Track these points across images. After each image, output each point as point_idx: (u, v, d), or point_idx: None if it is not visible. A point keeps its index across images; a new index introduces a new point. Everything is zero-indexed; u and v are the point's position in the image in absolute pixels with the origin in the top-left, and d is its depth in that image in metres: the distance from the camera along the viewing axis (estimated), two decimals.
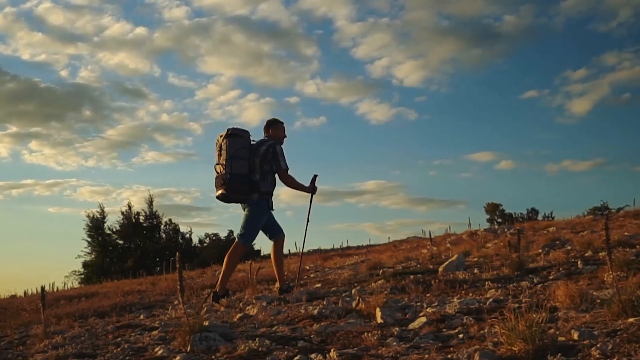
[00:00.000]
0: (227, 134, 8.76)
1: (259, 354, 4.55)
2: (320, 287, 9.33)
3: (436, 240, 19.58)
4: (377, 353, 4.22)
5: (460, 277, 7.98)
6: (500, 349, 3.81)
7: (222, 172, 8.62)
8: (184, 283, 13.36)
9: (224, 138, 8.76)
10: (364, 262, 13.67)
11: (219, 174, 8.73)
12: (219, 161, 8.76)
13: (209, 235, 50.62)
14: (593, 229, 13.71)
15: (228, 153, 8.60)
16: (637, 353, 3.33)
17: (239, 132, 8.86)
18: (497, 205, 53.22)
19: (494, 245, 13.34)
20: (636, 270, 6.49)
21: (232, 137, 8.74)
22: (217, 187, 8.74)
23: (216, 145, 8.90)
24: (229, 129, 8.83)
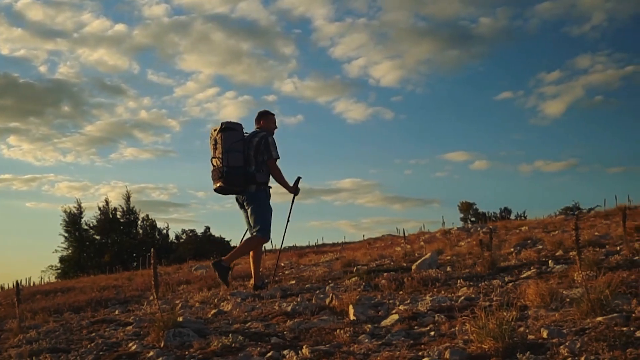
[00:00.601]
0: (221, 128, 8.85)
1: (232, 350, 4.53)
2: (294, 284, 9.30)
3: (410, 238, 19.61)
4: (349, 350, 4.22)
5: (433, 275, 7.97)
6: (471, 347, 3.82)
7: (219, 165, 8.72)
8: (160, 279, 13.32)
9: (218, 132, 8.85)
10: (339, 259, 13.63)
11: (215, 167, 8.86)
12: (214, 155, 8.87)
13: (185, 232, 50.46)
14: (564, 229, 13.77)
15: (223, 147, 8.70)
16: (605, 352, 3.35)
17: (232, 125, 8.95)
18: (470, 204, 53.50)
19: (467, 244, 13.36)
20: (605, 269, 6.51)
21: (227, 130, 8.83)
22: (215, 180, 8.87)
23: (210, 140, 9.02)
24: (223, 123, 8.91)
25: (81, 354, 4.91)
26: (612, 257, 7.49)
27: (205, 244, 44.79)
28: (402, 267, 9.72)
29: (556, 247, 9.55)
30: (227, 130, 8.84)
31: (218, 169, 8.76)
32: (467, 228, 22.05)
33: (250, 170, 8.82)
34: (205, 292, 9.55)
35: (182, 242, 48.26)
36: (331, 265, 12.63)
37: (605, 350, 3.38)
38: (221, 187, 8.84)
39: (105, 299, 10.18)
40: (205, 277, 13.11)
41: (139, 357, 4.60)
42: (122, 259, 39.74)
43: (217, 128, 8.94)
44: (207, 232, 49.16)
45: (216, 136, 8.87)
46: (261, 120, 9.36)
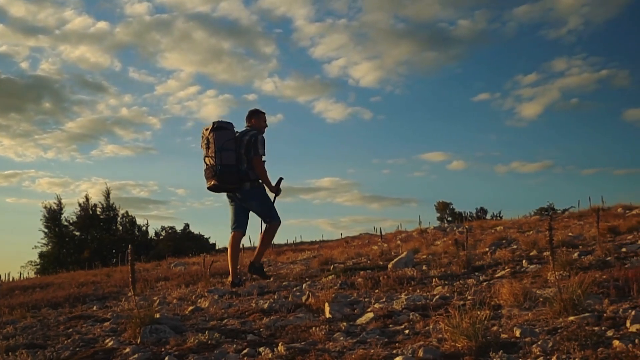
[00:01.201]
0: (213, 127, 8.98)
1: (208, 347, 4.51)
2: (272, 282, 9.28)
3: (387, 237, 19.63)
4: (324, 347, 4.20)
5: (409, 274, 7.97)
6: (444, 345, 3.82)
7: (212, 163, 8.88)
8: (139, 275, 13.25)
9: (210, 131, 8.98)
10: (316, 257, 13.63)
11: (208, 165, 9.01)
12: (207, 153, 9.02)
13: (165, 228, 50.12)
14: (539, 229, 13.83)
15: (216, 145, 8.85)
16: (576, 351, 3.35)
17: (224, 124, 9.09)
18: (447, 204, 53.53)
19: (443, 243, 13.37)
20: (578, 270, 6.54)
21: (219, 130, 8.97)
22: (208, 178, 9.03)
23: (202, 139, 9.16)
24: (215, 123, 9.04)
25: (57, 350, 4.87)
26: (585, 258, 7.52)
27: (185, 241, 44.55)
28: (379, 266, 9.71)
29: (530, 247, 9.59)
30: (219, 130, 8.98)
31: (211, 167, 8.91)
32: (444, 227, 22.12)
33: (243, 168, 9.03)
34: (183, 288, 9.52)
35: (162, 239, 47.93)
36: (309, 263, 12.63)
37: (576, 349, 3.38)
38: (215, 185, 8.99)
39: (83, 295, 10.13)
40: (184, 273, 13.06)
41: (115, 353, 4.55)
42: (102, 255, 39.55)
43: (208, 127, 9.07)
44: (186, 229, 48.87)
45: (208, 135, 9.00)
46: (252, 118, 9.50)
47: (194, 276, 11.81)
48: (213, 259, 17.82)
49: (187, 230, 48.51)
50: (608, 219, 13.84)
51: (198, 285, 9.81)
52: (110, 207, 47.96)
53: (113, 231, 46.78)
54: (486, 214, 41.90)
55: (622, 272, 5.60)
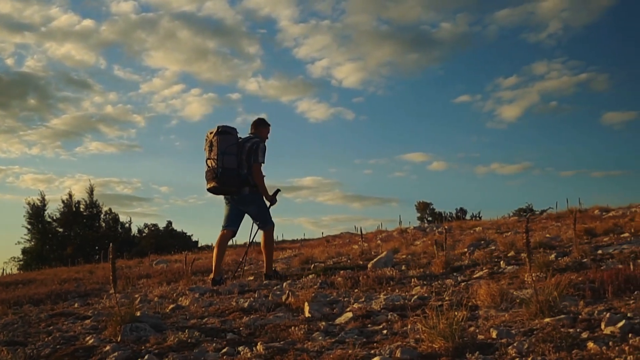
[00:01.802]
0: (217, 132, 9.13)
1: (187, 346, 4.49)
2: (252, 280, 9.27)
3: (368, 236, 19.62)
4: (302, 347, 4.19)
5: (388, 274, 7.96)
6: (422, 346, 3.81)
7: (214, 166, 9.03)
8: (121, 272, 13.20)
9: (214, 135, 9.13)
10: (297, 256, 13.61)
11: (210, 167, 9.15)
12: (210, 156, 9.15)
13: (147, 226, 49.98)
14: (517, 230, 13.87)
15: (219, 149, 9.02)
16: (551, 353, 3.35)
17: (228, 129, 9.25)
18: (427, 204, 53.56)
19: (423, 243, 13.39)
20: (555, 271, 6.57)
21: (223, 134, 9.13)
22: (209, 180, 9.17)
23: (206, 142, 9.28)
24: (219, 127, 9.21)
25: (38, 347, 4.82)
26: (561, 259, 7.53)
27: (167, 239, 44.48)
28: (359, 265, 9.73)
29: (508, 248, 9.60)
30: (223, 134, 9.14)
31: (213, 169, 9.06)
32: (423, 227, 22.15)
33: (243, 173, 9.22)
34: (164, 286, 9.49)
35: (144, 236, 47.81)
36: (289, 262, 12.62)
37: (551, 351, 3.38)
38: (215, 187, 9.14)
39: (65, 291, 10.07)
40: (166, 271, 13.02)
41: (95, 351, 4.52)
42: (85, 252, 39.35)
43: (213, 131, 9.21)
44: (169, 226, 48.82)
45: (212, 139, 9.13)
46: (258, 127, 9.73)
47: (176, 274, 11.78)
48: (195, 257, 17.77)
49: (169, 228, 48.47)
50: (585, 220, 13.89)
51: (179, 283, 9.79)
52: (93, 204, 47.80)
53: (96, 228, 46.62)
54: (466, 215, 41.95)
55: (598, 274, 5.61)
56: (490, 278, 6.84)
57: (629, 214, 14.60)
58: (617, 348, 3.30)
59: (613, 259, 7.10)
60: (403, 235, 18.27)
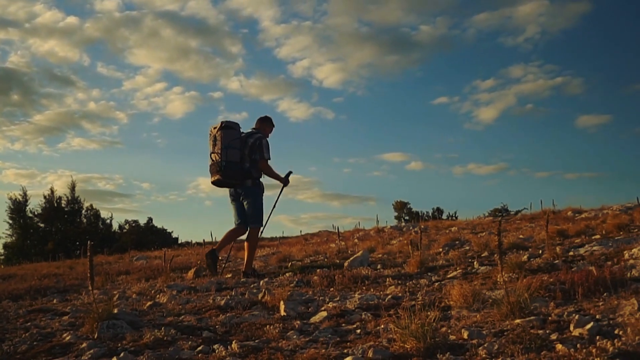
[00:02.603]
0: (221, 126, 9.43)
1: (163, 343, 4.46)
2: (230, 278, 9.24)
3: (345, 235, 19.66)
4: (277, 346, 4.18)
5: (364, 273, 7.96)
6: (394, 346, 3.81)
7: (218, 160, 9.32)
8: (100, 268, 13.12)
9: (218, 130, 9.43)
10: (275, 254, 13.61)
11: (214, 161, 9.43)
12: (214, 150, 9.44)
13: (128, 222, 49.88)
14: (491, 231, 13.89)
15: (223, 143, 9.30)
16: (520, 354, 3.35)
17: (231, 124, 9.52)
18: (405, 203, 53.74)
19: (399, 243, 13.41)
20: (527, 272, 6.59)
21: (226, 129, 9.42)
22: (213, 173, 9.46)
23: (210, 136, 9.57)
24: (223, 122, 9.50)
25: (15, 343, 4.79)
26: (534, 260, 7.55)
27: (148, 235, 44.43)
28: (335, 264, 9.73)
29: (482, 249, 9.63)
30: (227, 129, 9.42)
31: (217, 163, 9.33)
32: (400, 227, 22.17)
33: (246, 166, 9.48)
34: (143, 283, 9.46)
35: (125, 232, 47.67)
36: (267, 259, 12.62)
37: (521, 352, 3.38)
38: (219, 180, 9.39)
39: (45, 287, 10.02)
40: (145, 267, 12.98)
41: (71, 348, 4.50)
42: (65, 247, 39.18)
43: (217, 126, 9.51)
44: (149, 223, 48.76)
45: (216, 133, 9.43)
46: (262, 123, 10.03)
47: (155, 270, 11.74)
48: (174, 254, 17.70)
49: (150, 224, 48.36)
50: (558, 222, 13.96)
51: (158, 280, 9.75)
52: (75, 199, 47.68)
53: (77, 224, 46.46)
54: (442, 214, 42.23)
55: (569, 275, 5.62)
56: (463, 278, 6.84)
57: (601, 215, 14.67)
58: (585, 350, 3.30)
59: (584, 261, 7.12)
60: (380, 234, 18.28)
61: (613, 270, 5.68)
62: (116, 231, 48.71)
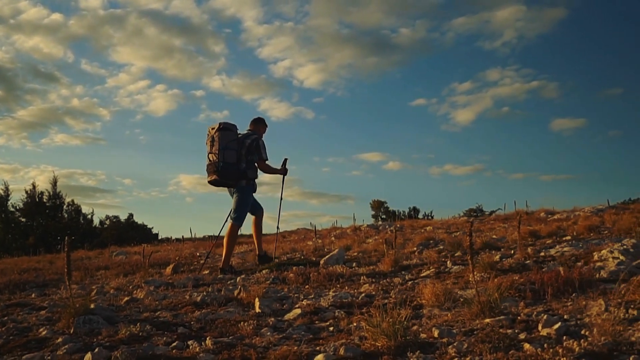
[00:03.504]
0: (219, 128, 9.48)
1: (139, 339, 4.43)
2: (208, 274, 9.22)
3: (322, 233, 19.65)
4: (250, 342, 4.16)
5: (339, 271, 7.95)
6: (365, 344, 3.80)
7: (215, 160, 9.38)
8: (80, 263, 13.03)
9: (216, 131, 9.48)
10: (252, 251, 13.54)
11: (211, 161, 9.49)
12: (211, 150, 9.50)
13: (109, 217, 49.61)
14: (465, 231, 13.93)
15: (220, 144, 9.37)
16: (488, 353, 3.35)
17: (229, 126, 9.59)
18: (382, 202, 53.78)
19: (374, 241, 13.42)
20: (499, 272, 6.61)
21: (224, 130, 9.49)
22: (210, 173, 9.53)
23: (208, 137, 9.64)
24: (221, 123, 9.55)
25: None
26: (506, 260, 7.57)
27: (128, 231, 44.21)
28: (311, 262, 9.72)
29: (455, 248, 9.64)
30: (225, 130, 9.49)
31: (214, 163, 9.39)
32: (376, 225, 22.15)
33: (242, 167, 9.56)
34: (121, 278, 9.42)
35: (106, 228, 47.40)
36: (245, 256, 12.58)
37: (489, 352, 3.38)
38: (215, 179, 9.46)
39: (24, 281, 9.94)
40: (124, 263, 12.90)
41: (47, 343, 4.45)
42: (46, 242, 38.86)
43: (215, 127, 9.56)
44: (130, 218, 48.52)
45: (214, 134, 9.48)
46: (258, 125, 10.25)
47: (134, 266, 11.68)
48: (154, 249, 17.63)
49: (130, 220, 48.13)
50: (531, 222, 14.03)
51: (136, 276, 9.71)
52: (56, 195, 47.28)
53: (58, 219, 46.10)
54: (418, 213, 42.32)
55: (539, 275, 5.63)
56: (436, 277, 6.85)
57: (573, 217, 14.77)
58: (552, 350, 3.30)
59: (554, 261, 7.15)
60: (356, 232, 18.27)
61: (582, 271, 5.71)
62: (97, 226, 48.40)
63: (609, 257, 6.65)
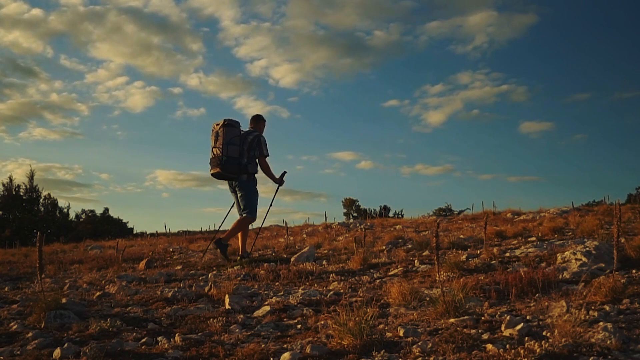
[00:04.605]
0: (223, 124, 9.89)
1: (109, 334, 4.40)
2: (180, 269, 9.17)
3: (295, 230, 19.60)
4: (219, 339, 4.13)
5: (309, 268, 7.94)
6: (332, 342, 3.78)
7: (219, 154, 9.79)
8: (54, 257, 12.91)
9: (220, 127, 9.89)
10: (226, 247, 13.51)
11: (215, 155, 9.88)
12: (215, 145, 9.90)
13: (85, 211, 49.24)
14: (433, 230, 13.94)
15: (225, 139, 9.78)
16: (452, 353, 3.35)
17: (233, 122, 9.97)
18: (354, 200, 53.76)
19: (345, 239, 13.40)
20: (465, 271, 6.62)
21: (228, 126, 9.89)
22: (213, 166, 9.92)
23: (212, 132, 10.03)
24: (225, 120, 9.95)
25: None
26: (472, 260, 7.58)
27: (104, 225, 43.87)
28: (283, 259, 9.71)
29: (423, 248, 9.66)
30: (229, 126, 9.89)
31: (218, 157, 9.80)
32: (347, 223, 22.14)
33: (243, 162, 9.91)
34: (94, 273, 9.33)
35: (81, 222, 47.03)
36: (217, 252, 12.50)
37: (452, 352, 3.38)
38: (218, 172, 9.85)
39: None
40: (98, 257, 12.80)
41: (17, 337, 4.41)
42: (22, 235, 38.55)
43: (219, 123, 9.98)
44: (105, 213, 48.21)
45: (218, 130, 9.89)
46: (258, 122, 10.56)
47: (108, 260, 11.59)
48: (128, 244, 17.51)
49: (106, 214, 47.82)
50: (498, 223, 14.07)
51: (110, 270, 9.63)
52: (33, 188, 46.94)
53: (35, 212, 45.74)
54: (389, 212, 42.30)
55: (504, 276, 5.65)
56: (404, 276, 6.85)
57: (538, 218, 14.84)
58: (514, 351, 3.30)
59: (519, 262, 7.17)
60: (327, 230, 18.26)
61: (546, 272, 5.73)
62: (73, 220, 48.05)
63: (571, 258, 6.68)
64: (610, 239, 7.39)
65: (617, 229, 4.96)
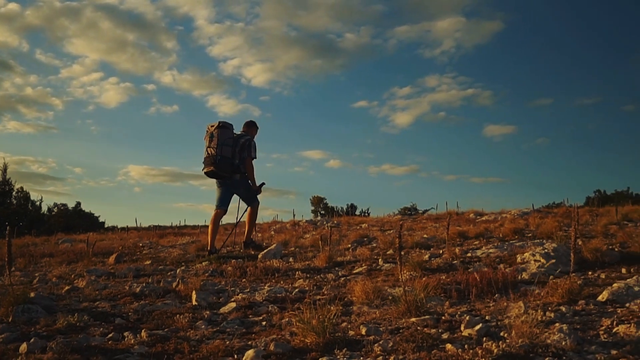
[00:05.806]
0: (218, 125, 10.20)
1: (76, 329, 4.34)
2: (149, 264, 9.10)
3: (263, 227, 19.54)
4: (185, 335, 4.09)
5: (275, 265, 7.92)
6: (295, 340, 3.76)
7: (213, 154, 10.06)
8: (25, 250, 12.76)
9: (215, 128, 10.19)
10: (195, 242, 13.43)
11: (209, 155, 10.14)
12: (210, 145, 10.16)
13: (57, 205, 48.74)
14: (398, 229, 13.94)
15: (219, 140, 10.09)
16: (412, 352, 3.34)
17: (227, 125, 10.33)
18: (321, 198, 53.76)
19: (312, 237, 13.36)
20: (427, 271, 6.64)
21: (223, 128, 10.22)
22: (207, 165, 10.17)
23: (207, 133, 10.30)
24: (220, 122, 10.27)
25: None
26: (434, 260, 7.61)
27: (76, 219, 43.48)
28: (250, 255, 9.66)
29: (388, 246, 9.67)
30: (223, 128, 10.22)
31: (212, 157, 10.07)
32: (315, 221, 22.11)
33: (236, 162, 10.30)
34: (64, 267, 9.23)
35: (53, 215, 46.56)
36: (186, 248, 12.43)
37: (412, 351, 3.37)
38: (212, 171, 10.14)
39: None
40: (69, 251, 12.67)
41: None
42: None
43: (214, 124, 10.26)
44: (77, 207, 47.77)
45: (213, 131, 10.18)
46: (251, 127, 10.95)
47: (78, 254, 11.47)
48: (99, 238, 17.36)
49: (78, 208, 47.41)
50: (461, 223, 14.14)
51: (79, 264, 9.54)
52: (6, 181, 46.42)
53: (7, 205, 45.22)
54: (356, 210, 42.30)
55: (465, 276, 5.66)
56: (368, 275, 6.86)
57: (500, 219, 14.93)
58: (472, 351, 3.31)
59: (480, 262, 7.21)
60: (295, 227, 18.21)
61: (505, 272, 5.77)
62: (45, 213, 47.56)
63: (530, 259, 6.73)
64: (568, 241, 7.44)
65: (575, 231, 5.00)
